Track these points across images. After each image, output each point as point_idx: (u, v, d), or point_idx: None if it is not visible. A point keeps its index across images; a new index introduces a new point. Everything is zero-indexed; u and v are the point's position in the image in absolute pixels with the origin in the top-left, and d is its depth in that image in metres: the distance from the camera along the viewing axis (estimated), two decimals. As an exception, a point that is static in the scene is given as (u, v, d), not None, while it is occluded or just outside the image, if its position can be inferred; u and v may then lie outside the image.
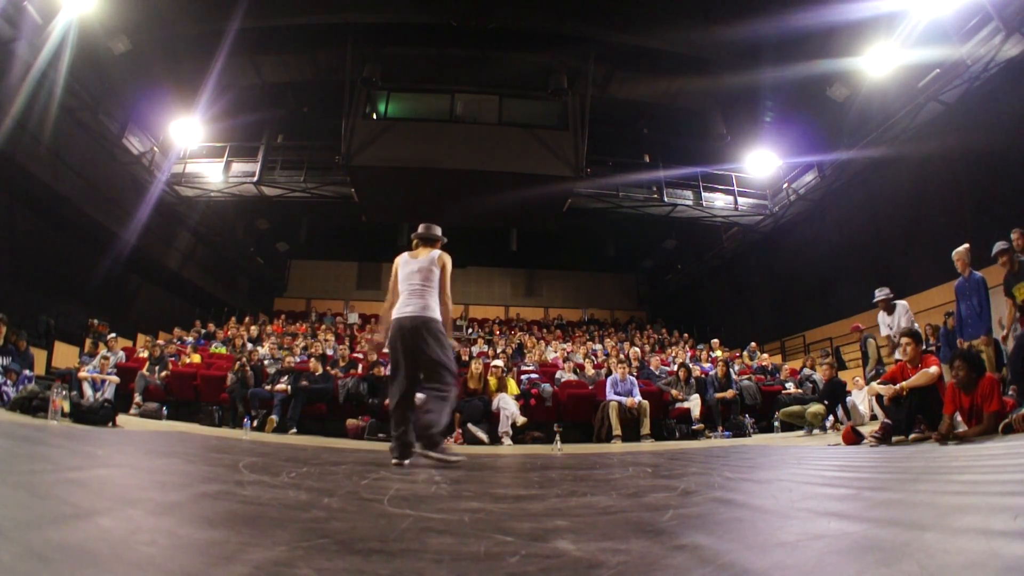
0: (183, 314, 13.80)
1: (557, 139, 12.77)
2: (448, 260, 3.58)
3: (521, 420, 7.40)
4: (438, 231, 3.73)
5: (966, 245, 5.84)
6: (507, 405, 7.44)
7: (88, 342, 9.77)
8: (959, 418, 4.24)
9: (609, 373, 8.58)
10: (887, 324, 6.61)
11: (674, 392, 8.36)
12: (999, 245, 5.41)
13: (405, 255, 3.64)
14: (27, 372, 6.72)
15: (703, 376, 8.95)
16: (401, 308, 3.45)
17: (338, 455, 4.02)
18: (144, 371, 8.33)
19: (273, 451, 4.11)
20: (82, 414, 5.63)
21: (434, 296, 3.47)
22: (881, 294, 6.62)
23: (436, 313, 3.45)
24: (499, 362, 8.45)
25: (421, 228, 3.73)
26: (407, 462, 3.22)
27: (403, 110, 13.38)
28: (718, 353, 11.81)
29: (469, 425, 7.19)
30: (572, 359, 10.60)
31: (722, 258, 16.33)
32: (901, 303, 6.60)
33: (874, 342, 7.57)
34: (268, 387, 8.10)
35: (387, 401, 7.59)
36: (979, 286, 5.65)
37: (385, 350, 3.68)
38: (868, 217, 11.76)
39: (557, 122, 13.11)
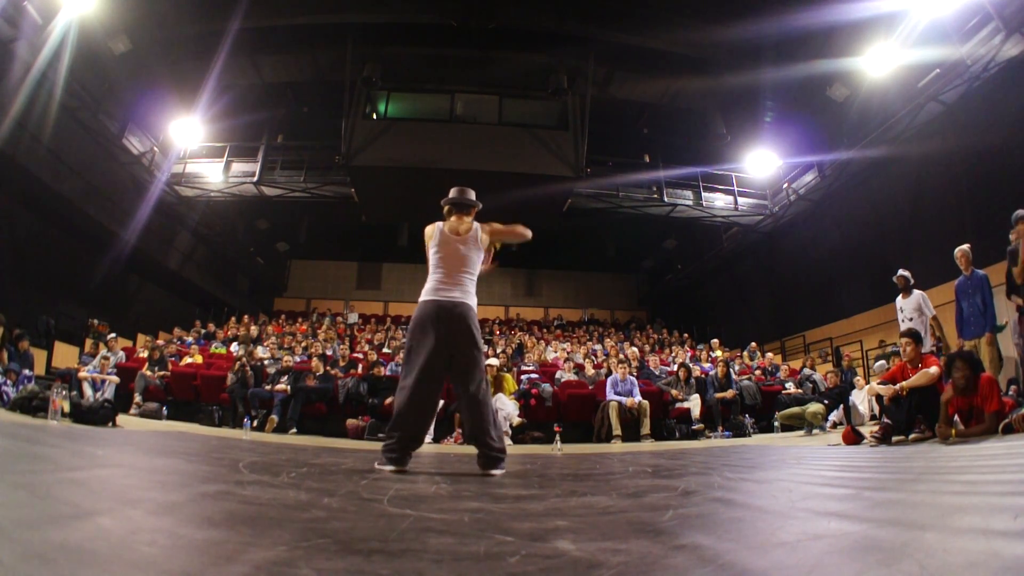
0: (183, 314, 13.80)
1: (557, 139, 12.77)
2: (488, 234, 3.24)
3: (517, 421, 7.40)
4: (473, 195, 3.30)
5: (968, 244, 5.85)
6: (504, 405, 7.43)
7: (88, 342, 9.78)
8: (956, 418, 4.25)
9: (609, 373, 8.58)
10: (900, 308, 6.59)
11: (674, 392, 8.36)
12: (1021, 212, 5.17)
13: (444, 229, 3.17)
14: (27, 372, 6.73)
15: (703, 376, 8.95)
16: (438, 291, 3.01)
17: (338, 455, 4.02)
18: (144, 371, 8.33)
19: (273, 451, 4.11)
20: (82, 414, 5.63)
21: (474, 282, 3.13)
22: (903, 272, 6.60)
23: (475, 301, 3.10)
24: (494, 361, 8.42)
25: (455, 192, 3.28)
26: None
27: (403, 110, 13.38)
28: (718, 353, 11.81)
29: (469, 425, 7.18)
30: (572, 359, 10.60)
31: (722, 258, 16.33)
32: (919, 292, 6.57)
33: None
34: (268, 387, 8.10)
35: (388, 400, 7.64)
36: (983, 283, 5.66)
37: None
38: (868, 217, 11.76)
39: (557, 122, 13.10)
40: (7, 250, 9.78)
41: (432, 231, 3.18)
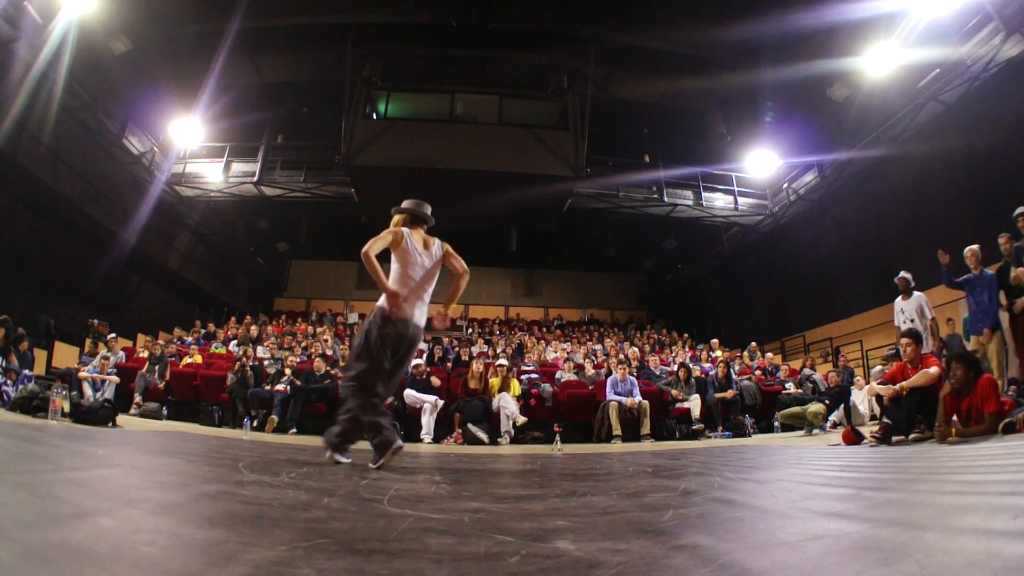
0: (183, 314, 13.80)
1: (557, 139, 12.78)
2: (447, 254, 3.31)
3: (521, 420, 7.41)
4: (430, 210, 3.31)
5: (977, 245, 5.92)
6: (507, 404, 7.44)
7: (88, 342, 9.77)
8: (955, 418, 4.24)
9: (609, 373, 8.57)
10: (900, 310, 6.64)
11: (674, 392, 8.36)
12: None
13: (413, 241, 3.20)
14: (27, 372, 6.72)
15: (703, 376, 8.95)
16: (410, 310, 3.12)
17: (338, 455, 4.01)
18: (144, 371, 8.33)
19: (273, 451, 4.11)
20: (82, 414, 5.63)
21: (430, 295, 3.29)
22: (904, 273, 6.67)
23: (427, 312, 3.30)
24: (503, 361, 8.45)
25: (409, 203, 3.26)
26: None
27: (403, 110, 13.39)
28: (718, 353, 11.80)
29: (469, 425, 7.19)
30: (572, 359, 10.60)
31: (722, 258, 16.32)
32: (920, 294, 6.61)
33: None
34: (268, 387, 8.10)
35: (388, 400, 7.66)
36: (992, 282, 5.73)
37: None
38: (868, 217, 11.76)
39: (557, 122, 13.12)
40: (7, 250, 9.77)
41: (399, 237, 3.18)
